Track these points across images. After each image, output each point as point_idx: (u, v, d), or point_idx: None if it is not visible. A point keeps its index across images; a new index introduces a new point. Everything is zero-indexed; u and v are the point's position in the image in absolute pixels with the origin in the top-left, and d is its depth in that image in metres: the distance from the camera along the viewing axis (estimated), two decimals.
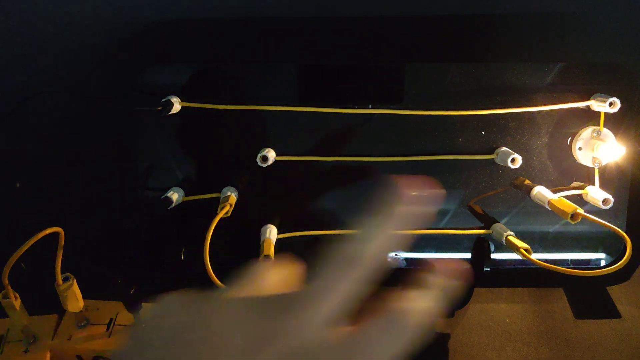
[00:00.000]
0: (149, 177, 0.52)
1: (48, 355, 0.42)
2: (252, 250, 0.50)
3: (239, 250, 0.54)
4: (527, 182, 0.50)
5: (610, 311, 0.51)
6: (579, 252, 0.54)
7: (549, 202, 0.46)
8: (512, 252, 0.47)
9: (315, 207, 0.53)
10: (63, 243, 0.39)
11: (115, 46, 0.49)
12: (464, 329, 0.49)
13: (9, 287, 0.39)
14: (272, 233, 0.49)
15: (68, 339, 0.42)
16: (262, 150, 0.49)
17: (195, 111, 0.49)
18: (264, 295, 0.22)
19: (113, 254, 0.54)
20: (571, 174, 0.52)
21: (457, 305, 0.52)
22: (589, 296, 0.53)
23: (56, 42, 0.48)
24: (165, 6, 0.47)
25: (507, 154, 0.49)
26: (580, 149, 0.50)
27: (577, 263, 0.54)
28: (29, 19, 0.48)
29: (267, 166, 0.48)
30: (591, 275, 0.40)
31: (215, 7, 0.47)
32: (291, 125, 0.51)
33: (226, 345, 0.20)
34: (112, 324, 0.44)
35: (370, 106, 0.50)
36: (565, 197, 0.47)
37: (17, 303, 0.40)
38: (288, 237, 0.50)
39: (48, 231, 0.38)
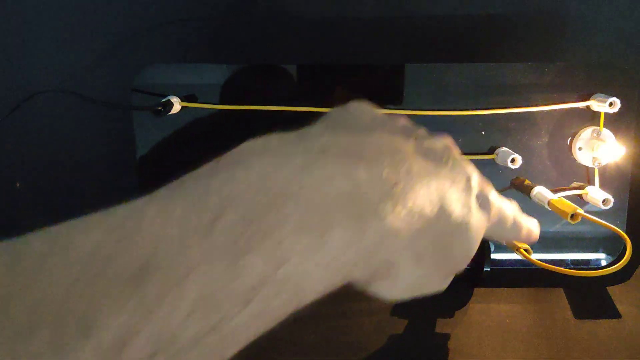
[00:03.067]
0: (149, 177, 0.52)
1: None
2: None
3: None
4: (527, 182, 0.50)
5: (610, 311, 0.51)
6: (579, 252, 0.54)
7: (549, 202, 0.46)
8: (512, 252, 0.47)
9: None
10: None
11: (115, 46, 0.49)
12: (464, 329, 0.49)
13: None
14: None
15: None
16: None
17: (195, 111, 0.49)
18: None
19: None
20: (571, 174, 0.52)
21: (457, 305, 0.52)
22: (589, 296, 0.53)
23: (56, 42, 0.48)
24: (165, 6, 0.47)
25: (507, 154, 0.49)
26: (580, 149, 0.50)
27: (577, 263, 0.54)
28: (28, 19, 0.48)
29: None
30: (591, 275, 0.40)
31: (215, 6, 0.47)
32: (291, 125, 0.50)
33: None
34: None
35: None
36: (565, 197, 0.47)
37: None
38: None
39: None
